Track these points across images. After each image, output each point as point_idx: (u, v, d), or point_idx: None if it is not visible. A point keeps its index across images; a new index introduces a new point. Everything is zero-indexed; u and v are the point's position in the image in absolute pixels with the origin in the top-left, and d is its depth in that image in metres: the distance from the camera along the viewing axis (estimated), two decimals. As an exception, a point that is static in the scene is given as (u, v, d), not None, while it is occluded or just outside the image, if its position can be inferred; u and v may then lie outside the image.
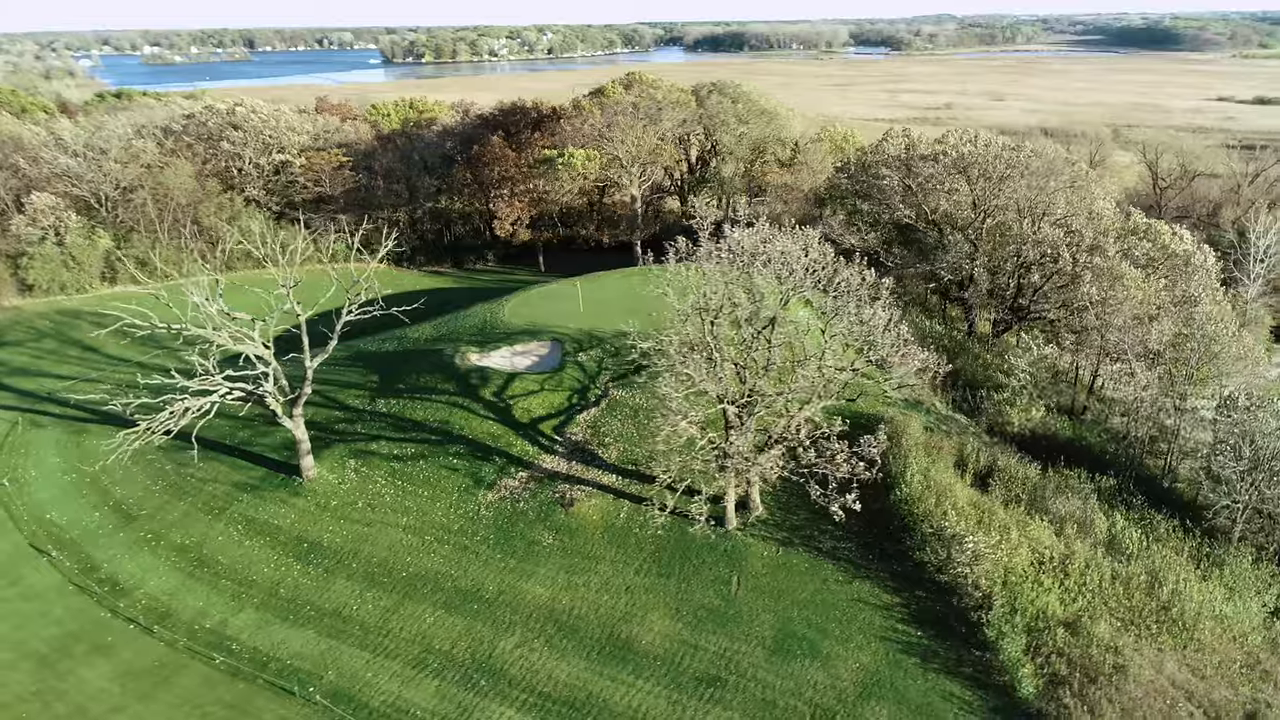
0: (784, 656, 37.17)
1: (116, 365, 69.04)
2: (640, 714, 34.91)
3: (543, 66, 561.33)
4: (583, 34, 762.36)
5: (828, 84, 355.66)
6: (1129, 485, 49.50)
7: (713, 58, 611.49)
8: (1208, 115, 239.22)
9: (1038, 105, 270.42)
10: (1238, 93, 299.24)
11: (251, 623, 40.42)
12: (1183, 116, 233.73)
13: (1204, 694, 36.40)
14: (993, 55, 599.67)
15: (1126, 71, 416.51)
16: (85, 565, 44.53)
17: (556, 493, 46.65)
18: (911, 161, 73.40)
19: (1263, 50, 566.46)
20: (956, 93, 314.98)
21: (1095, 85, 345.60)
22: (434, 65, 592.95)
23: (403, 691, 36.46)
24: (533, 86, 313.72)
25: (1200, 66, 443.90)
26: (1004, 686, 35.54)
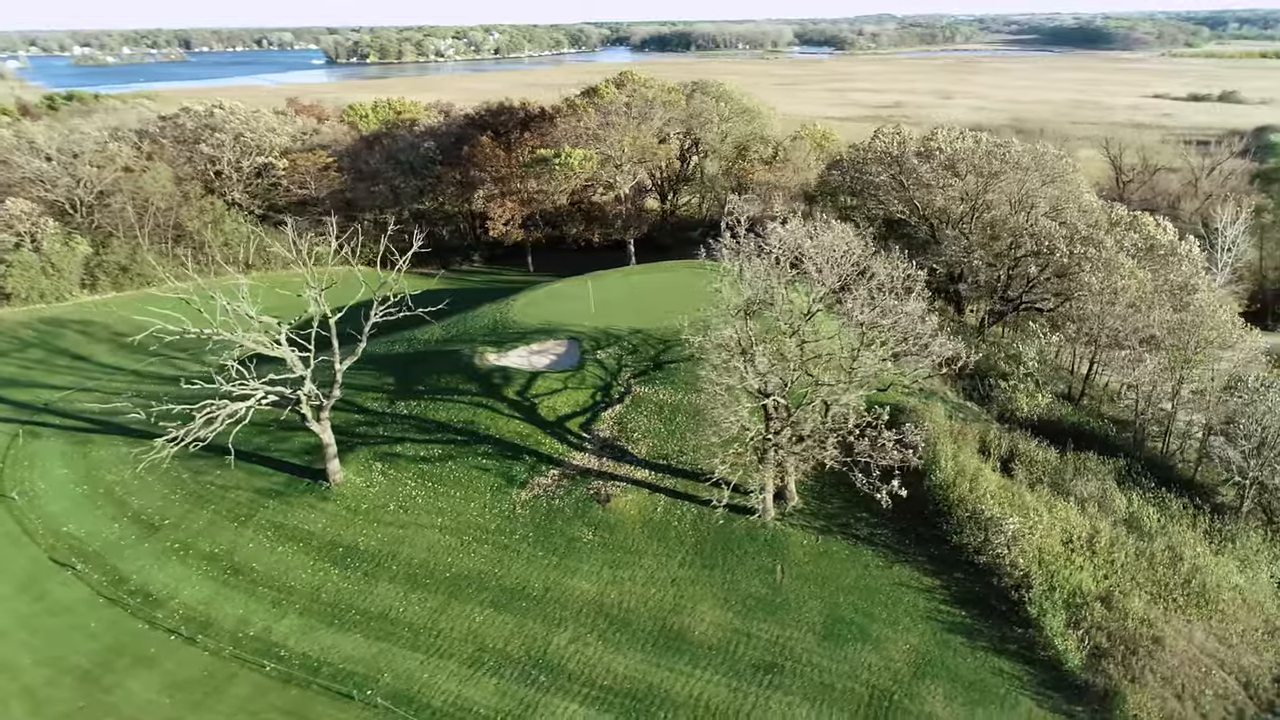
0: (835, 641, 37.99)
1: (111, 374, 67.28)
2: (702, 703, 35.42)
3: (489, 67, 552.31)
4: (529, 34, 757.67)
5: (776, 83, 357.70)
6: (1137, 466, 51.55)
7: (660, 57, 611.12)
8: (1146, 112, 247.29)
9: (984, 103, 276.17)
10: (1172, 90, 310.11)
11: (297, 628, 39.93)
12: (1123, 113, 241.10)
13: (1233, 661, 38.19)
14: (934, 55, 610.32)
15: (1064, 70, 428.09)
16: (113, 577, 43.47)
17: (591, 489, 46.90)
18: (903, 158, 75.08)
19: (1188, 49, 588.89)
20: (904, 91, 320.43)
21: (1036, 83, 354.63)
22: (379, 66, 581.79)
23: (463, 690, 36.42)
24: (481, 87, 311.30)
25: (1133, 65, 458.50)
26: (1050, 661, 36.82)
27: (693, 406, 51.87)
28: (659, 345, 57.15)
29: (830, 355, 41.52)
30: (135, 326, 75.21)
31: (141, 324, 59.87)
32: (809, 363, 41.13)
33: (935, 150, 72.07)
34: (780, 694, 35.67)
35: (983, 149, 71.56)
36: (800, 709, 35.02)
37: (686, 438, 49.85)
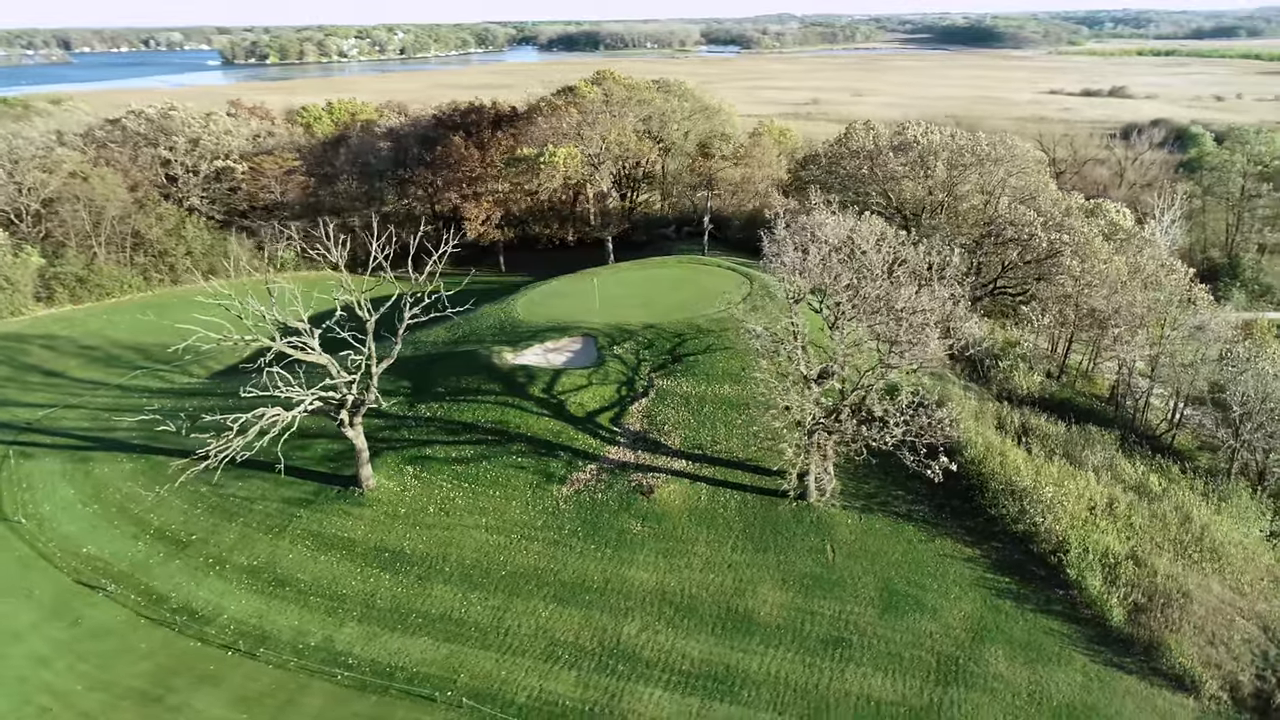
0: (895, 613, 39.62)
1: (93, 389, 64.08)
2: (780, 679, 36.52)
3: (395, 67, 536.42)
4: (435, 34, 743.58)
5: (690, 82, 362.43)
6: (1130, 436, 55.16)
7: (568, 57, 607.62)
8: (1046, 107, 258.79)
9: (896, 99, 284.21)
10: (1065, 86, 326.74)
11: (359, 636, 39.30)
12: (1026, 108, 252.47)
13: (1249, 609, 41.42)
14: (837, 53, 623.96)
15: (963, 67, 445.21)
16: (150, 597, 41.84)
17: (631, 482, 47.44)
18: (877, 152, 77.86)
19: (1072, 47, 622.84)
20: (816, 89, 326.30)
21: (939, 80, 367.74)
22: (280, 66, 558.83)
23: (544, 685, 36.57)
24: (397, 88, 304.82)
25: (1024, 62, 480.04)
26: (1094, 618, 39.25)
27: (718, 397, 53.08)
28: (674, 339, 57.98)
29: (871, 342, 43.18)
30: (106, 340, 72.73)
31: (112, 338, 57.30)
32: (853, 349, 42.73)
33: (913, 142, 74.99)
34: (853, 666, 37.06)
35: (956, 143, 74.87)
36: (874, 679, 36.47)
37: (718, 427, 50.91)
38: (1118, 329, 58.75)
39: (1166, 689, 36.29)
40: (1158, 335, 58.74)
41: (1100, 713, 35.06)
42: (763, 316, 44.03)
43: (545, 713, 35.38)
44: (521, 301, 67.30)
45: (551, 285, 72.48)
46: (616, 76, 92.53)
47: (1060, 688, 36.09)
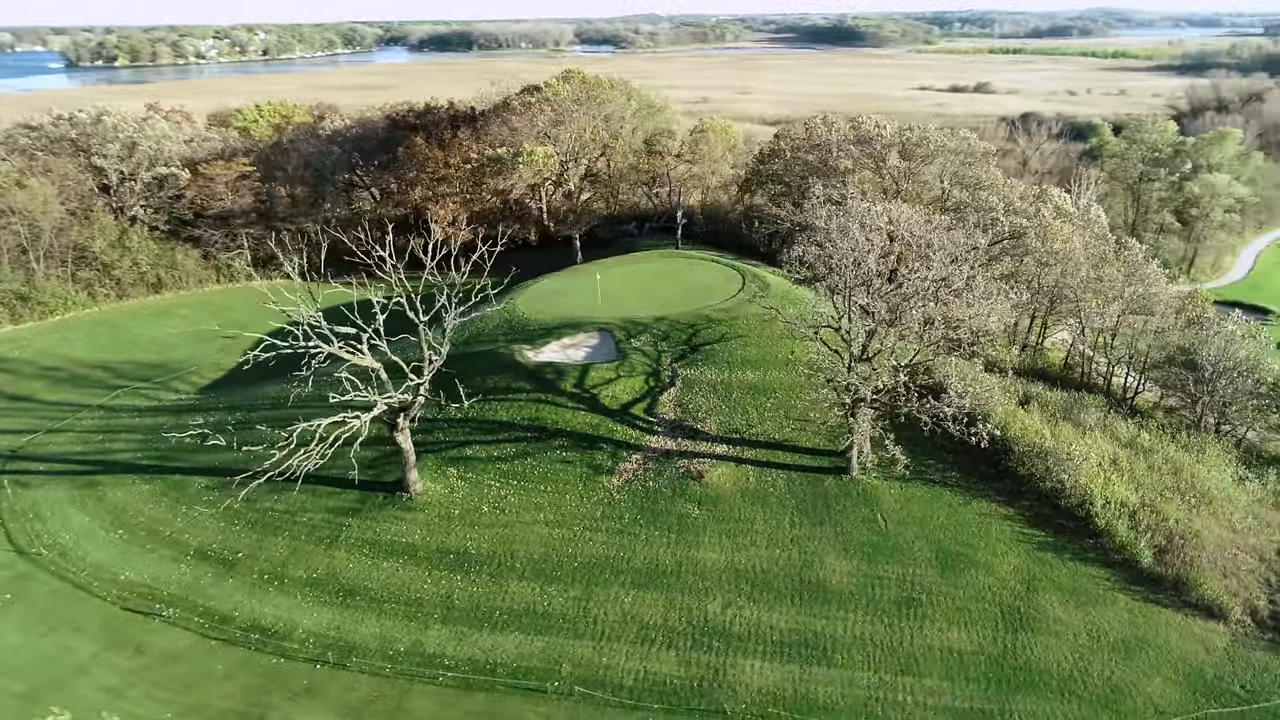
0: (953, 571, 42.47)
1: (73, 410, 59.95)
2: (866, 639, 38.72)
3: (259, 68, 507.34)
4: (299, 34, 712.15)
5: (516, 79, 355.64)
6: (1110, 400, 60.38)
7: (441, 58, 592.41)
8: (920, 103, 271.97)
9: (782, 97, 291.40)
10: (933, 83, 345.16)
11: (447, 637, 39.11)
12: (902, 104, 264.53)
13: (1245, 543, 46.34)
14: (710, 53, 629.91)
15: (834, 65, 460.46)
16: (213, 617, 40.25)
17: (679, 468, 48.68)
18: (827, 144, 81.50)
19: (928, 46, 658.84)
20: (701, 87, 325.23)
21: (815, 78, 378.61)
22: (132, 69, 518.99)
23: (646, 666, 37.51)
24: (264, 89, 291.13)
25: (888, 60, 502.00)
26: (1125, 561, 43.18)
27: (743, 383, 54.88)
28: (687, 330, 59.42)
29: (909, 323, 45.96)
30: (67, 360, 68.36)
31: (72, 357, 53.33)
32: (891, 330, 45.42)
33: (876, 135, 78.98)
34: (928, 623, 39.63)
35: (912, 135, 79.34)
36: (950, 633, 39.16)
37: (749, 412, 52.70)
38: (1081, 302, 64.02)
39: (1199, 618, 40.48)
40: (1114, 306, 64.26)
41: (1151, 644, 38.83)
42: (800, 306, 46.14)
43: (655, 693, 36.38)
44: (521, 300, 67.13)
45: (545, 283, 72.50)
46: (585, 76, 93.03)
47: (1112, 625, 39.71)
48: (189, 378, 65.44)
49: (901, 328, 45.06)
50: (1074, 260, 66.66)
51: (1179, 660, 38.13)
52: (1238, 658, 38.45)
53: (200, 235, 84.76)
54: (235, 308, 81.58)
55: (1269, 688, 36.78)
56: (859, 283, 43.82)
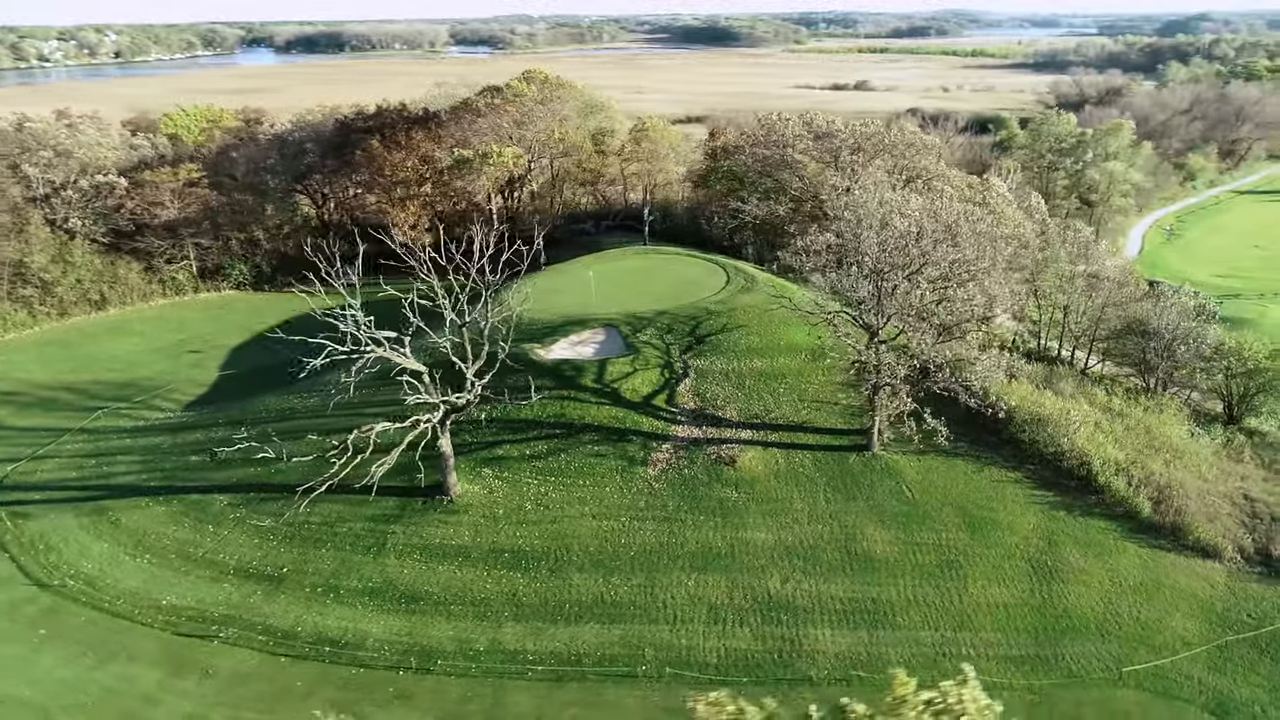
0: (981, 533, 45.66)
1: (53, 436, 56.17)
2: (921, 601, 41.31)
3: (112, 72, 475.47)
4: (154, 35, 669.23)
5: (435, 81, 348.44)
6: (1072, 369, 65.60)
7: (311, 59, 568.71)
8: (805, 100, 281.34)
9: (675, 95, 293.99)
10: (813, 81, 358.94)
11: (524, 633, 39.41)
12: (790, 101, 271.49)
13: (1217, 490, 51.50)
14: (590, 53, 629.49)
15: (715, 65, 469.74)
16: (275, 634, 39.20)
17: (710, 455, 50.21)
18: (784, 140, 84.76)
19: (800, 46, 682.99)
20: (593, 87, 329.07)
21: (699, 77, 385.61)
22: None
23: (725, 644, 38.93)
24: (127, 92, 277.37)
25: (764, 60, 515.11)
26: (1127, 513, 47.36)
27: (753, 371, 56.87)
28: (689, 323, 60.93)
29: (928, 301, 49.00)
30: (25, 384, 64.19)
31: (31, 380, 50.73)
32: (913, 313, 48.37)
33: (835, 131, 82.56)
34: (970, 581, 42.58)
35: (864, 130, 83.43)
36: (993, 589, 42.20)
37: (765, 397, 54.70)
38: (1039, 280, 69.27)
39: (1198, 559, 44.98)
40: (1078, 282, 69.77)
41: (1164, 585, 42.97)
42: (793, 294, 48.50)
43: (739, 667, 37.86)
44: (516, 299, 66.87)
45: (535, 282, 72.35)
46: (547, 75, 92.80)
47: (1128, 571, 43.67)
48: (169, 395, 62.27)
49: (921, 309, 47.97)
50: (1025, 241, 71.93)
51: (1190, 597, 42.37)
52: (1238, 590, 43.01)
53: (142, 247, 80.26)
54: (191, 321, 77.91)
55: (1271, 613, 41.36)
56: (895, 266, 46.42)
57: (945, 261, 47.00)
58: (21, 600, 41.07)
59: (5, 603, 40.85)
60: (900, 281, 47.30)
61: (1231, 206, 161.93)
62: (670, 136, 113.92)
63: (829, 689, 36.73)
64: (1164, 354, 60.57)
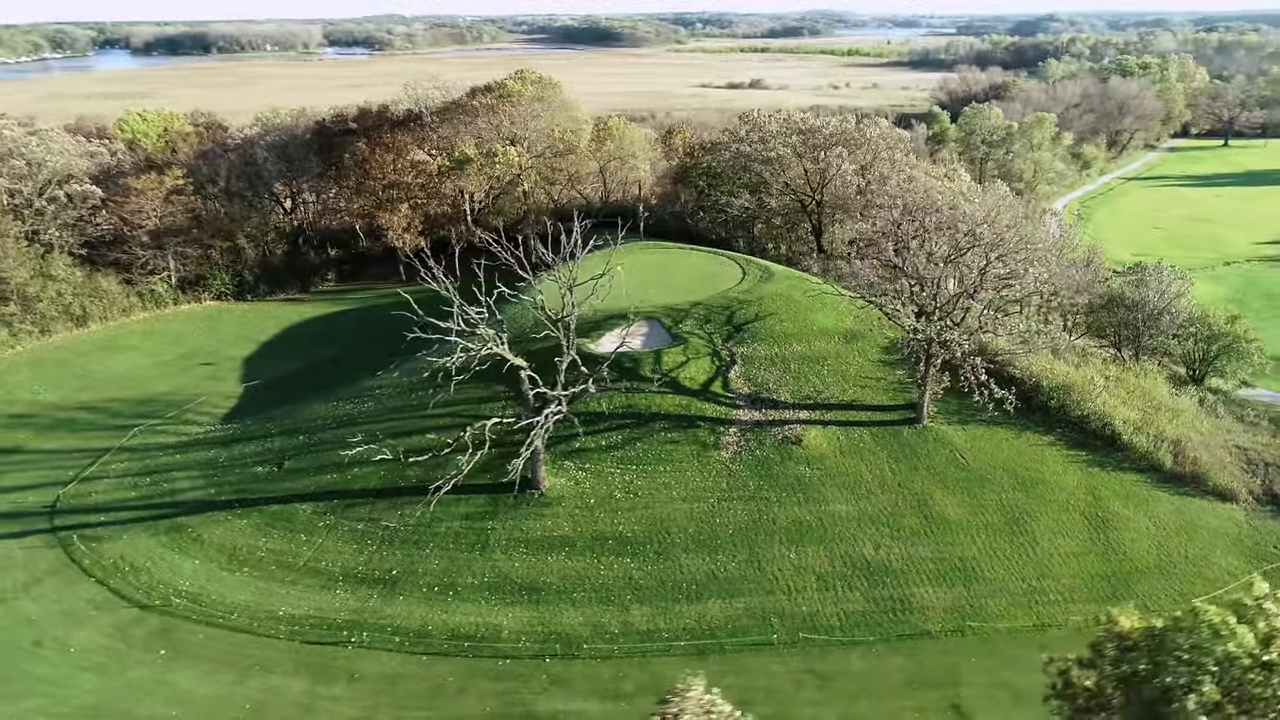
0: (1034, 492, 49.72)
1: (90, 457, 53.54)
2: (1003, 554, 44.98)
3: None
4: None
5: (351, 84, 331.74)
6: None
7: (172, 62, 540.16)
8: (709, 99, 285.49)
9: (578, 95, 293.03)
10: (711, 80, 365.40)
11: (653, 613, 40.95)
12: (691, 100, 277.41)
13: (1213, 441, 57.39)
14: (473, 53, 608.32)
15: (604, 65, 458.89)
16: (407, 634, 39.44)
17: (776, 435, 52.62)
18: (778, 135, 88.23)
19: (682, 46, 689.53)
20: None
21: (596, 76, 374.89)
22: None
23: (842, 608, 41.51)
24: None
25: (653, 60, 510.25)
26: (1152, 466, 52.38)
27: (796, 355, 59.51)
28: (724, 313, 63.08)
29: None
30: (38, 406, 61.08)
31: (44, 402, 48.92)
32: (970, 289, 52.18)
33: (819, 128, 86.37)
34: (1037, 535, 46.45)
35: (842, 126, 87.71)
36: (1060, 540, 46.20)
37: (811, 379, 57.40)
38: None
39: (1219, 502, 50.34)
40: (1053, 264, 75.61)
41: (1200, 525, 48.05)
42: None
43: (863, 627, 40.49)
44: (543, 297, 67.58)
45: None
46: (540, 76, 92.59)
47: (1167, 517, 48.57)
48: (200, 409, 60.08)
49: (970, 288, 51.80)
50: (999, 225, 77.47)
51: (1223, 535, 47.58)
52: (1259, 527, 48.52)
53: (123, 259, 76.39)
54: (186, 334, 74.91)
55: (1289, 545, 47.00)
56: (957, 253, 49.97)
57: (1000, 243, 50.96)
58: (128, 623, 39.70)
59: (111, 626, 39.42)
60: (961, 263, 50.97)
61: (1125, 191, 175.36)
62: (633, 135, 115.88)
63: (947, 640, 39.98)
64: (1148, 324, 66.69)
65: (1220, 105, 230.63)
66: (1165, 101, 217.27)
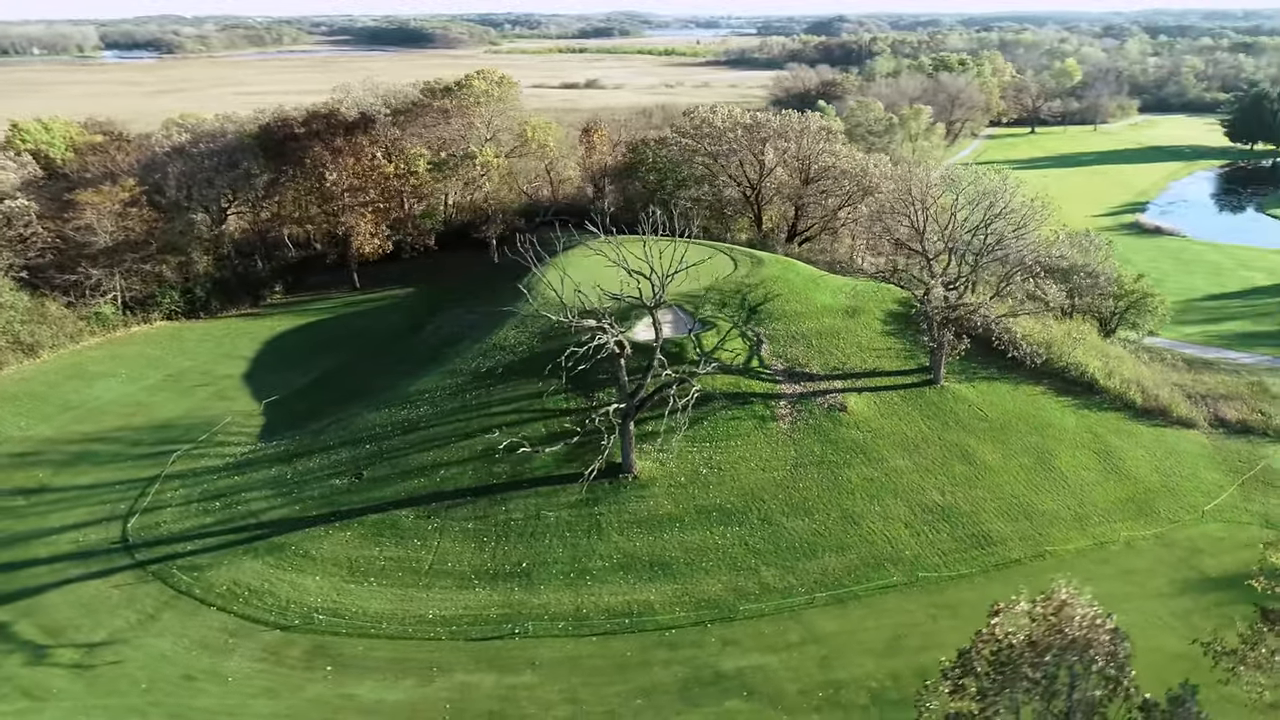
0: (1047, 433, 56.79)
1: (139, 488, 49.60)
2: (1041, 489, 51.53)
3: None
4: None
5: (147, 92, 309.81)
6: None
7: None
8: (548, 99, 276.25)
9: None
10: (545, 80, 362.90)
11: (781, 573, 44.24)
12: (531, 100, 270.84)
13: (1156, 379, 67.43)
14: (275, 55, 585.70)
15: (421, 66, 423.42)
16: (566, 619, 40.69)
17: (822, 404, 56.92)
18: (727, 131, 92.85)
19: (498, 47, 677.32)
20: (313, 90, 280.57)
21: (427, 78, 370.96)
22: None
23: (937, 549, 46.45)
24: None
25: (468, 60, 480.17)
26: (1126, 405, 60.79)
27: (812, 331, 64.05)
28: (734, 297, 66.55)
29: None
30: (36, 442, 56.06)
31: (37, 437, 47.47)
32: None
33: (762, 124, 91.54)
34: (1064, 469, 53.40)
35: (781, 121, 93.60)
36: (1081, 472, 53.33)
37: (834, 352, 61.99)
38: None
39: (1184, 429, 59.42)
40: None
41: (1179, 450, 56.72)
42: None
43: (964, 561, 45.54)
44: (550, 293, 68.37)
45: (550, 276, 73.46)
46: (504, 76, 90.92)
47: (1154, 445, 56.93)
48: (229, 430, 56.75)
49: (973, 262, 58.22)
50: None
51: (1202, 456, 56.46)
52: (1222, 446, 57.85)
53: (66, 280, 69.77)
54: (158, 357, 69.77)
55: (1251, 457, 56.31)
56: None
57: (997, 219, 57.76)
58: (276, 645, 38.40)
59: (260, 650, 38.02)
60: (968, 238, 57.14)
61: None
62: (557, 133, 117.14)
63: (1032, 565, 45.69)
64: (1089, 286, 76.47)
65: (1025, 96, 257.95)
66: (985, 94, 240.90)
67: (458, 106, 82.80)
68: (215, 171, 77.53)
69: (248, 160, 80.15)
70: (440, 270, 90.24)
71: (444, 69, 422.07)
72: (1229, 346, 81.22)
